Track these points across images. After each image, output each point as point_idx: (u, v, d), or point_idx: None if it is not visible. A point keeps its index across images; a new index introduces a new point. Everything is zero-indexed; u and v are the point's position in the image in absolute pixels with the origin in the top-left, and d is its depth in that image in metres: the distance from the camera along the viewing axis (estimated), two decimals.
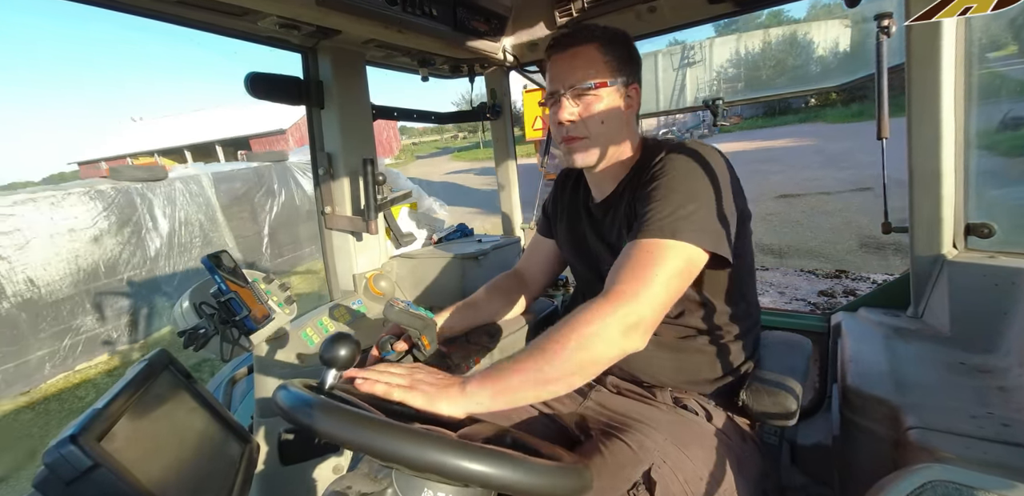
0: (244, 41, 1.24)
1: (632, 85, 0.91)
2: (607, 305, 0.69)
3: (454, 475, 0.44)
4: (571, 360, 0.66)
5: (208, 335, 0.95)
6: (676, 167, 0.81)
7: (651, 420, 0.89)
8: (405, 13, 1.20)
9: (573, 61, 0.87)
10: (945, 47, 1.04)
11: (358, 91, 1.45)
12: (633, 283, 0.70)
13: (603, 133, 0.89)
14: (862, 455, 0.97)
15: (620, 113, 0.90)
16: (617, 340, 0.67)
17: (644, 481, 0.76)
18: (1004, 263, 1.08)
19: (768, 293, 4.04)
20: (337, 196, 1.49)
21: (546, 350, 0.67)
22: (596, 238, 0.99)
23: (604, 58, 0.87)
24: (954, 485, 0.50)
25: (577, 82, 0.86)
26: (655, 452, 0.80)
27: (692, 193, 0.78)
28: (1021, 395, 0.88)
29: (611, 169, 0.94)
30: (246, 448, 0.78)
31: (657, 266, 0.72)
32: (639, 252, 0.74)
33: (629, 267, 0.73)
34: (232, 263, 1.04)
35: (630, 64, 0.90)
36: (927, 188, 1.13)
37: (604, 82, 0.86)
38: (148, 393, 0.66)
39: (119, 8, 1.00)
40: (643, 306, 0.69)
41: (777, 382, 0.90)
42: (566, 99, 0.88)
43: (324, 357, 0.63)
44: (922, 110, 1.10)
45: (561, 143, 0.92)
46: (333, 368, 0.63)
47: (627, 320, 0.67)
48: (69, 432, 0.52)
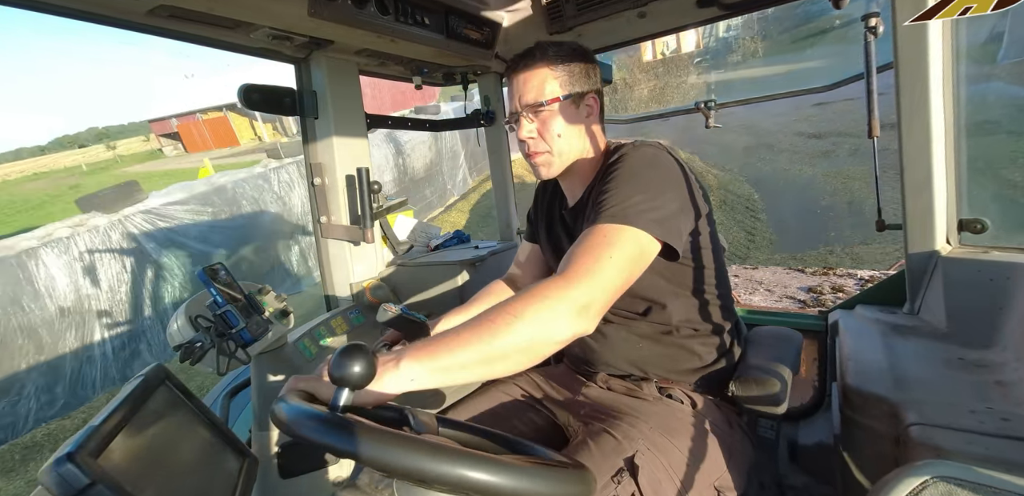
0: (238, 54, 1.25)
1: (589, 94, 0.95)
2: (562, 283, 0.68)
3: (462, 486, 0.43)
4: (521, 336, 0.62)
5: (205, 348, 0.95)
6: (631, 163, 0.85)
7: (637, 411, 0.91)
8: (397, 22, 1.21)
9: (526, 81, 0.92)
10: (932, 44, 1.06)
11: (352, 100, 1.46)
12: (589, 265, 0.70)
13: (562, 145, 0.94)
14: (863, 453, 0.97)
15: (577, 124, 0.94)
16: (570, 319, 0.65)
17: (628, 467, 0.78)
18: (998, 258, 1.08)
19: (758, 291, 4.08)
20: (333, 205, 1.49)
21: (495, 323, 0.63)
22: (570, 242, 1.02)
23: (555, 74, 0.92)
24: (956, 481, 0.50)
25: (531, 101, 0.92)
26: (639, 440, 0.82)
27: (644, 186, 0.81)
28: (1020, 389, 0.88)
29: (579, 176, 0.99)
30: (244, 462, 0.77)
31: (612, 248, 0.73)
32: (594, 236, 0.75)
33: (585, 250, 0.73)
34: (228, 276, 1.03)
35: (585, 76, 0.94)
36: (919, 185, 1.14)
37: (556, 98, 0.91)
38: (145, 409, 0.66)
39: (114, 24, 1.00)
40: (596, 288, 0.68)
41: (765, 371, 0.92)
42: (524, 118, 0.93)
43: (335, 375, 0.51)
44: (912, 107, 1.11)
45: (526, 157, 0.97)
46: (346, 388, 0.53)
47: (580, 300, 0.66)
48: (66, 450, 0.52)
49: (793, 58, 15.48)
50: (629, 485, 0.76)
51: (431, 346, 0.61)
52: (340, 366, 0.51)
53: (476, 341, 0.61)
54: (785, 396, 0.89)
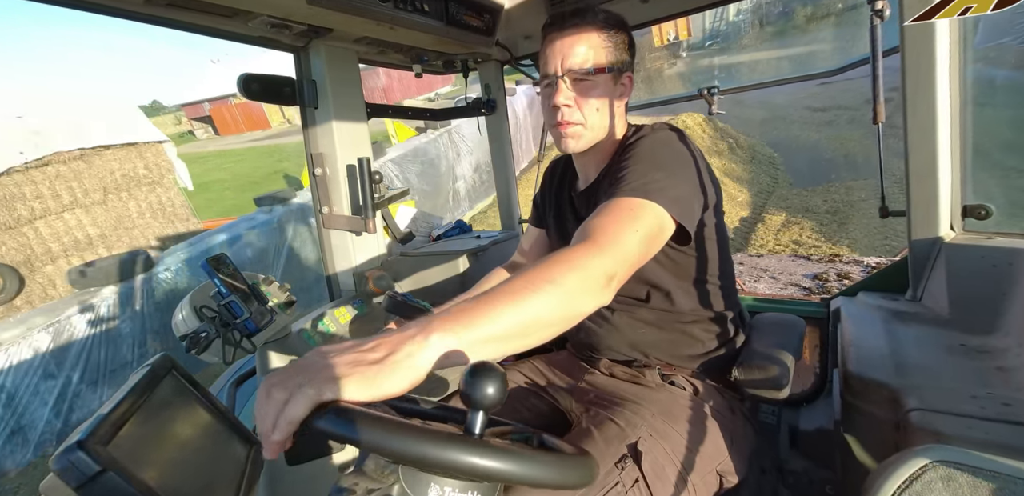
0: (236, 42, 1.23)
1: (627, 73, 0.91)
2: (595, 251, 0.62)
3: (468, 473, 0.44)
4: (556, 304, 0.55)
5: (210, 338, 0.95)
6: (648, 143, 0.84)
7: (640, 398, 0.91)
8: (397, 9, 1.19)
9: (574, 44, 0.85)
10: (939, 28, 1.04)
11: (352, 89, 1.44)
12: (616, 235, 0.66)
13: (597, 120, 0.89)
14: (864, 438, 0.98)
15: (614, 101, 0.90)
16: (598, 289, 0.60)
17: (631, 453, 0.78)
18: (1001, 244, 1.08)
19: (763, 279, 4.12)
20: (334, 196, 1.49)
21: (531, 290, 0.55)
22: (578, 226, 1.01)
23: (604, 43, 0.86)
24: (955, 465, 0.50)
25: (576, 66, 0.85)
26: (642, 427, 0.83)
27: (662, 164, 0.79)
28: (1021, 375, 0.88)
29: (597, 156, 0.96)
30: (251, 449, 0.78)
31: (637, 222, 0.69)
32: (619, 208, 0.72)
33: (610, 220, 0.69)
34: (231, 266, 1.04)
35: (628, 52, 0.90)
36: (924, 171, 1.13)
37: (603, 68, 0.85)
38: (153, 397, 0.67)
39: (109, 12, 0.99)
40: (620, 259, 0.64)
41: (768, 357, 0.92)
42: (563, 83, 0.86)
43: (470, 395, 0.45)
44: (917, 92, 1.09)
45: (555, 126, 0.91)
46: (480, 410, 0.47)
47: (609, 270, 0.61)
48: (76, 438, 0.52)
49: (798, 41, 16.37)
50: (633, 471, 0.76)
51: (464, 315, 0.51)
52: (473, 387, 0.45)
53: (513, 309, 0.53)
54: (787, 381, 0.89)
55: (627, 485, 0.75)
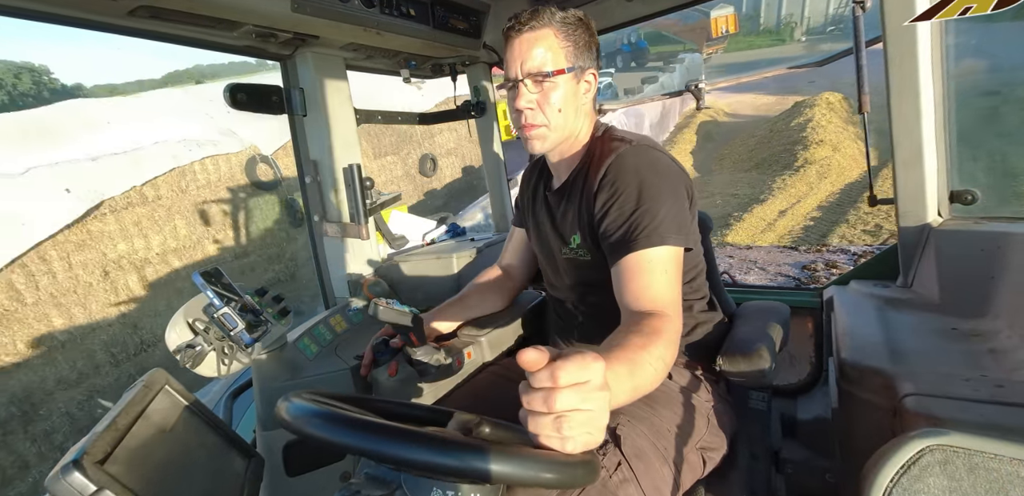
0: (221, 53, 1.23)
1: (589, 70, 0.91)
2: (677, 323, 0.76)
3: (468, 475, 0.44)
4: (649, 379, 0.66)
5: (204, 352, 0.95)
6: (639, 172, 0.85)
7: None
8: (383, 15, 1.19)
9: (531, 46, 0.86)
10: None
11: (340, 96, 1.44)
12: (666, 294, 0.78)
13: (560, 121, 0.90)
14: (861, 425, 0.99)
15: (577, 100, 0.91)
16: (672, 354, 0.71)
17: (611, 437, 0.79)
18: (988, 228, 1.09)
19: (752, 271, 4.18)
20: (326, 203, 1.48)
21: (652, 370, 0.65)
22: (551, 226, 1.02)
23: (563, 43, 0.87)
24: (951, 448, 0.51)
25: (535, 69, 0.86)
26: (620, 412, 0.83)
27: (660, 194, 0.83)
28: (1012, 356, 0.89)
29: (567, 156, 0.97)
30: (250, 462, 0.78)
31: (666, 273, 0.79)
32: (645, 263, 0.80)
33: (650, 281, 0.78)
34: (224, 278, 1.03)
35: (589, 49, 0.90)
36: (910, 157, 1.14)
37: (562, 69, 0.86)
38: (148, 413, 0.66)
39: (96, 27, 0.98)
40: (678, 309, 0.78)
41: (751, 343, 0.94)
42: (524, 86, 0.87)
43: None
44: (901, 80, 1.11)
45: (520, 129, 0.92)
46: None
47: (675, 337, 0.74)
48: (71, 457, 0.52)
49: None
50: (615, 455, 0.77)
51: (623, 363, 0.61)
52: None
53: (639, 378, 0.63)
54: (770, 365, 0.90)
55: (610, 469, 0.75)
